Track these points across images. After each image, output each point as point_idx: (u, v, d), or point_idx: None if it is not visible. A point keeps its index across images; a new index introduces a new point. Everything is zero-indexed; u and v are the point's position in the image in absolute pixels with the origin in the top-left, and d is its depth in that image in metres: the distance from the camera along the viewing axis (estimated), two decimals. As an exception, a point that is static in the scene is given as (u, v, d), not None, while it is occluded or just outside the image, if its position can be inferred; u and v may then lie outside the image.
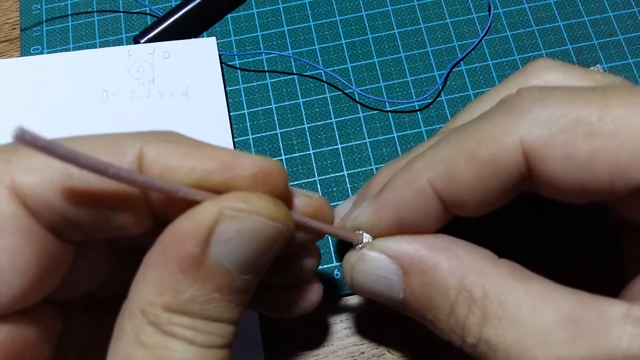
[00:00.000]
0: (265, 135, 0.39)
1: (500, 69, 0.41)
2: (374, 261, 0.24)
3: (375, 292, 0.24)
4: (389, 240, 0.23)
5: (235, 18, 0.43)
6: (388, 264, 0.23)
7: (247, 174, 0.20)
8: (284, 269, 0.26)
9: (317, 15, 0.43)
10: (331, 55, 0.41)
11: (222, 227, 0.18)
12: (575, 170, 0.19)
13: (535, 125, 0.20)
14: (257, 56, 0.41)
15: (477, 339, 0.21)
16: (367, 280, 0.24)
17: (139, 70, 0.39)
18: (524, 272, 0.21)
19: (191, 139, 0.21)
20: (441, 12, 0.43)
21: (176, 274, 0.18)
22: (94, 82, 0.38)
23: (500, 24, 0.42)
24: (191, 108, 0.38)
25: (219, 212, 0.18)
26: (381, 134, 0.39)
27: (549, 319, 0.19)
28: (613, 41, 0.41)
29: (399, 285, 0.23)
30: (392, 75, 0.41)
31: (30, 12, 0.43)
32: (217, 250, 0.18)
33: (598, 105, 0.19)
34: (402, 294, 0.23)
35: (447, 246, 0.22)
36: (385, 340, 0.33)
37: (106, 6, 0.43)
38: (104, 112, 0.38)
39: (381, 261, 0.23)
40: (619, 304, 0.19)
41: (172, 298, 0.18)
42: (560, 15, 0.42)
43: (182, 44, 0.40)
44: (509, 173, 0.21)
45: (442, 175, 0.22)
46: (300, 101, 0.40)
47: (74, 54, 0.39)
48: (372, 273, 0.24)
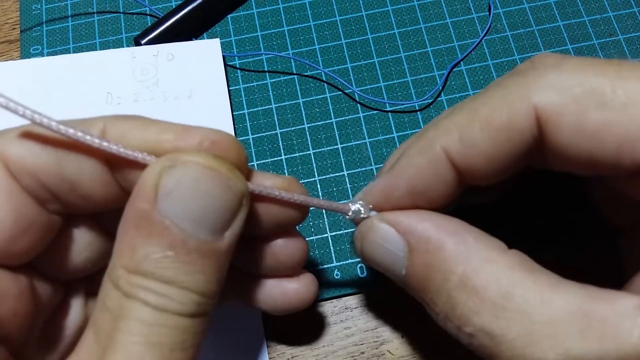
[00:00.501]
0: (265, 135, 0.39)
1: (500, 69, 0.41)
2: (382, 233, 0.24)
3: (381, 263, 0.24)
4: (400, 214, 0.23)
5: (235, 18, 0.43)
6: (395, 238, 0.23)
7: (194, 142, 0.20)
8: (268, 256, 0.25)
9: (317, 15, 0.43)
10: (331, 55, 0.41)
11: (164, 180, 0.19)
12: (585, 139, 0.19)
13: (549, 91, 0.20)
14: (257, 56, 0.41)
15: (476, 329, 0.20)
16: (374, 251, 0.24)
17: (143, 72, 0.39)
18: (533, 264, 0.21)
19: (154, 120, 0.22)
20: (441, 12, 0.43)
21: (131, 232, 0.19)
22: (98, 85, 0.38)
23: (500, 24, 0.42)
24: (195, 111, 0.38)
25: (161, 167, 0.19)
26: (381, 134, 0.39)
27: (558, 311, 0.19)
28: (613, 41, 0.41)
29: (403, 261, 0.23)
30: (392, 76, 0.41)
31: (30, 12, 0.43)
32: (164, 205, 0.19)
33: (612, 76, 0.19)
34: (404, 271, 0.23)
35: (457, 230, 0.22)
36: (386, 340, 0.33)
37: (106, 6, 0.43)
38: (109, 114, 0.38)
39: (389, 234, 0.23)
40: (630, 297, 0.19)
41: (129, 258, 0.19)
42: (560, 15, 0.42)
43: (186, 45, 0.40)
44: (522, 138, 0.21)
45: (456, 141, 0.22)
46: (300, 101, 0.40)
47: (78, 56, 0.39)
48: (380, 244, 0.24)
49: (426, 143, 0.23)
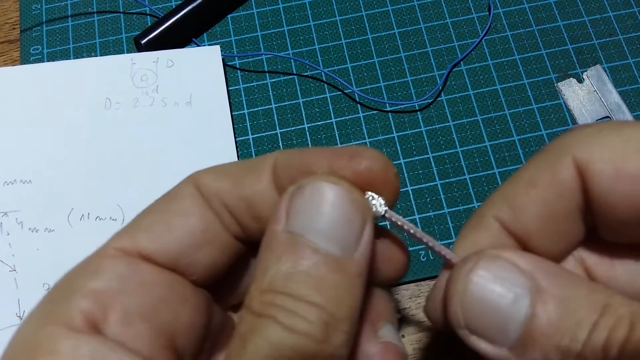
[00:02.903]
0: (265, 135, 0.39)
1: (500, 69, 0.41)
2: (497, 271, 0.20)
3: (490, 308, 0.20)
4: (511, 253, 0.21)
5: (235, 18, 0.43)
6: (517, 276, 0.20)
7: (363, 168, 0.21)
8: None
9: (317, 15, 0.43)
10: (331, 55, 0.41)
11: (293, 200, 0.20)
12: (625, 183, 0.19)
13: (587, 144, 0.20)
14: (257, 56, 0.41)
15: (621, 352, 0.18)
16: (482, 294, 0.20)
17: (143, 78, 0.39)
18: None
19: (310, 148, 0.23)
20: (441, 12, 0.43)
21: (264, 255, 0.19)
22: (97, 91, 0.38)
23: (500, 24, 0.42)
24: (195, 117, 0.38)
25: (292, 190, 0.20)
26: (381, 134, 0.39)
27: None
28: (613, 41, 0.41)
29: (526, 302, 0.19)
30: (392, 75, 0.41)
31: (30, 12, 0.43)
32: (293, 222, 0.19)
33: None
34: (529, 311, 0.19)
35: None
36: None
37: (106, 6, 0.43)
38: (107, 120, 0.38)
39: (508, 271, 0.20)
40: None
41: (262, 279, 0.19)
42: (560, 15, 0.42)
43: (186, 52, 0.40)
44: (570, 193, 0.21)
45: (505, 208, 0.22)
46: (300, 101, 0.40)
47: (78, 62, 0.39)
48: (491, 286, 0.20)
49: (477, 218, 0.23)
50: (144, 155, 0.37)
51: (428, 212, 0.37)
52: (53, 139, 0.37)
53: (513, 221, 0.22)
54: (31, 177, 0.36)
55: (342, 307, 0.19)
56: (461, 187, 0.38)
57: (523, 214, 0.21)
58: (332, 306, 0.18)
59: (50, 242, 0.35)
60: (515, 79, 0.40)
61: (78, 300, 0.19)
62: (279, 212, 0.20)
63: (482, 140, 0.39)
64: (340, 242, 0.19)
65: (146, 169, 0.37)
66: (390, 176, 0.21)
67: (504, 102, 0.40)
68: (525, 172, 0.22)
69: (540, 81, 0.40)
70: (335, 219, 0.20)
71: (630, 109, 0.39)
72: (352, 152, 0.21)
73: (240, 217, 0.22)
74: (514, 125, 0.39)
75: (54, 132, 0.37)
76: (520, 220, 0.21)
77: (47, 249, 0.35)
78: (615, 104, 0.39)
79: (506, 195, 0.22)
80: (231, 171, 0.22)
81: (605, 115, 0.39)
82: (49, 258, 0.35)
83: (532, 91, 0.40)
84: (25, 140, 0.37)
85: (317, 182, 0.20)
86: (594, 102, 0.40)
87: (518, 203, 0.21)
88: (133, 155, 0.37)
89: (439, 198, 0.37)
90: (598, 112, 0.39)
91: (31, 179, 0.36)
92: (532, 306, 0.19)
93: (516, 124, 0.39)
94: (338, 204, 0.20)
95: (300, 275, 0.18)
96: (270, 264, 0.19)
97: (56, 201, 0.36)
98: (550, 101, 0.40)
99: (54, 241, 0.35)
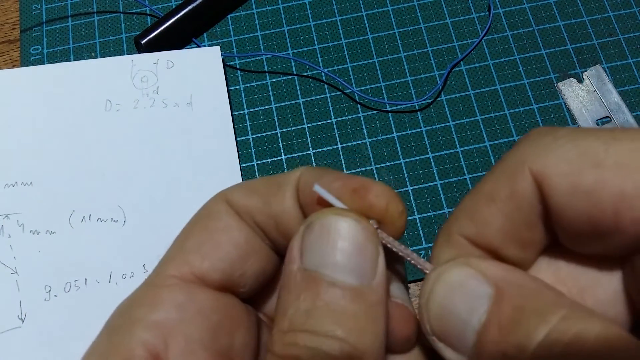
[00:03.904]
0: (265, 135, 0.39)
1: (500, 69, 0.41)
2: (463, 276, 0.21)
3: (452, 312, 0.21)
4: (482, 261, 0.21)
5: (235, 18, 0.43)
6: (479, 281, 0.20)
7: (376, 201, 0.21)
8: None
9: (317, 15, 0.43)
10: (331, 56, 0.41)
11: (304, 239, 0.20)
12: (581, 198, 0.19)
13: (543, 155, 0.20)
14: (257, 57, 0.41)
15: None
16: (448, 298, 0.21)
17: (143, 80, 0.39)
18: None
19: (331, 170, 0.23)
20: (441, 12, 0.43)
21: (283, 296, 0.19)
22: (97, 92, 0.39)
23: (500, 24, 0.42)
24: (195, 117, 0.38)
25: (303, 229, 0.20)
26: (381, 134, 0.39)
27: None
28: (613, 41, 0.41)
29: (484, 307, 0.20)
30: (392, 75, 0.41)
31: (30, 12, 0.43)
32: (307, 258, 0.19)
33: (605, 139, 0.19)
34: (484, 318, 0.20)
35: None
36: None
37: (106, 6, 0.43)
38: (108, 121, 0.38)
39: (471, 277, 0.20)
40: None
41: (282, 321, 0.19)
42: (560, 15, 0.42)
43: (186, 53, 0.40)
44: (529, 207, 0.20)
45: (469, 223, 0.21)
46: (300, 101, 0.40)
47: (78, 63, 0.39)
48: (456, 290, 0.21)
49: (444, 236, 0.22)
50: (144, 157, 0.37)
51: (428, 212, 0.37)
52: (54, 141, 0.37)
53: (477, 236, 0.21)
54: (32, 179, 0.36)
55: (365, 336, 0.19)
56: (461, 187, 0.38)
57: (486, 229, 0.21)
58: (353, 337, 0.19)
59: (52, 244, 0.35)
60: (515, 79, 0.41)
61: (140, 332, 0.19)
62: (293, 251, 0.20)
63: (482, 140, 0.39)
64: (355, 271, 0.20)
65: (147, 170, 0.37)
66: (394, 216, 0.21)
67: (504, 102, 0.40)
68: (484, 186, 0.21)
69: (540, 81, 0.40)
70: (347, 250, 0.20)
71: (630, 109, 0.39)
72: (360, 184, 0.21)
73: (270, 233, 0.22)
74: (514, 125, 0.39)
75: (55, 134, 0.37)
76: (485, 235, 0.21)
77: (48, 251, 0.35)
78: (615, 104, 0.40)
79: (468, 210, 0.22)
80: (259, 188, 0.23)
81: (605, 115, 0.39)
82: (50, 260, 0.35)
83: (532, 91, 0.40)
84: (26, 142, 0.37)
85: (324, 218, 0.20)
86: (594, 102, 0.40)
87: (479, 218, 0.21)
88: (134, 156, 0.37)
89: (439, 198, 0.37)
90: (598, 112, 0.40)
91: (32, 181, 0.36)
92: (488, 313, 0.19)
93: (516, 124, 0.39)
94: (348, 235, 0.20)
95: (319, 311, 0.19)
96: (289, 304, 0.19)
97: (57, 203, 0.36)
98: (550, 101, 0.40)
99: (55, 243, 0.35)
